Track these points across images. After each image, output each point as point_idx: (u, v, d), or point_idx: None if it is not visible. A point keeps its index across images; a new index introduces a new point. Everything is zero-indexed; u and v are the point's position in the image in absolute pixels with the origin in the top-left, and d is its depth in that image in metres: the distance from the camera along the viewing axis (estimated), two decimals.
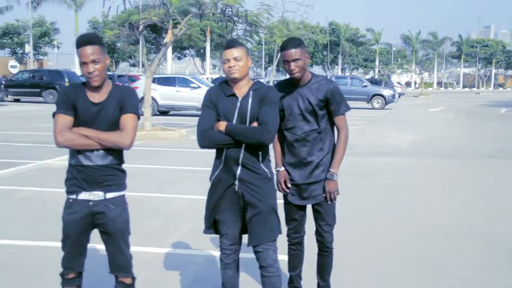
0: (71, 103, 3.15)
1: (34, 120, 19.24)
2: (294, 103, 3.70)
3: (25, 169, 9.27)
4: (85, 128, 3.14)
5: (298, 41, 3.68)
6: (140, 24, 13.57)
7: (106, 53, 3.24)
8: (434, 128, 19.08)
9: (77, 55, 3.15)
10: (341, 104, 3.71)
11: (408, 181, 9.02)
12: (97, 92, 3.20)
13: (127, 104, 3.21)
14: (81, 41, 3.14)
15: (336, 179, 3.68)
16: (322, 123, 3.71)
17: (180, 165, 10.12)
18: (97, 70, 3.12)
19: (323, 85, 3.69)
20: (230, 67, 3.34)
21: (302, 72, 3.66)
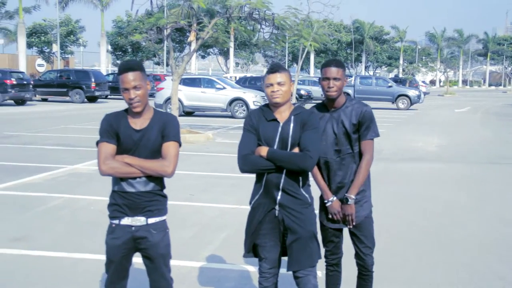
0: (113, 131, 3.20)
1: (62, 121, 19.50)
2: (328, 126, 3.69)
3: (56, 175, 9.40)
4: (128, 156, 3.18)
5: (341, 63, 3.72)
6: (168, 27, 13.63)
7: (148, 78, 3.27)
8: (462, 131, 18.84)
9: (119, 81, 3.19)
10: (370, 129, 3.69)
11: (437, 189, 8.92)
12: (138, 118, 3.23)
13: (169, 132, 3.24)
14: (123, 67, 3.18)
15: (352, 203, 3.66)
16: (355, 147, 3.70)
17: (209, 171, 10.16)
18: (139, 96, 3.16)
19: (357, 109, 3.68)
20: (273, 91, 3.34)
21: (339, 93, 3.66)
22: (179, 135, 3.32)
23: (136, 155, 3.19)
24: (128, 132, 3.20)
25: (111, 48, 54.65)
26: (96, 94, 30.51)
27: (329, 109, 3.72)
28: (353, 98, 3.79)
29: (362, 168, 3.66)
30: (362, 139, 3.68)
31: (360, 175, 3.66)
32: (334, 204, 3.68)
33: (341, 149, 3.68)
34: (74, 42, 47.08)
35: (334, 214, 3.68)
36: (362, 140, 3.68)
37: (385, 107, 31.59)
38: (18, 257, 5.25)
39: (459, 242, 6.04)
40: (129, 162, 3.16)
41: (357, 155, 3.71)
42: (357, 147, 3.70)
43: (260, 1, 13.44)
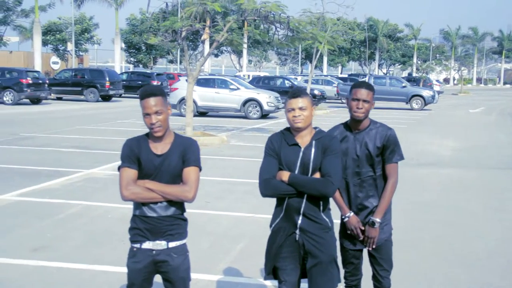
0: (135, 156, 3.24)
1: (77, 121, 19.64)
2: (351, 148, 3.71)
3: (73, 180, 9.49)
4: (149, 181, 3.22)
5: (372, 86, 3.78)
6: (183, 30, 13.67)
7: (168, 104, 3.31)
8: (477, 134, 18.72)
9: (141, 106, 3.24)
10: (395, 152, 3.70)
11: (454, 198, 8.89)
12: (159, 142, 3.28)
13: (189, 157, 3.28)
14: (144, 93, 3.23)
15: (377, 226, 3.67)
16: (378, 170, 3.71)
17: (224, 176, 10.19)
18: (160, 121, 3.21)
19: (382, 132, 3.70)
20: (295, 116, 3.36)
21: (366, 115, 3.68)
22: (199, 159, 3.36)
23: (157, 180, 3.24)
24: (149, 157, 3.25)
25: (125, 46, 54.86)
26: (110, 93, 30.68)
27: (353, 130, 3.74)
28: (377, 121, 3.80)
29: (388, 191, 3.68)
30: (387, 162, 3.70)
31: (386, 199, 3.68)
32: (351, 220, 3.69)
33: (361, 171, 3.70)
34: (88, 40, 47.36)
35: (352, 229, 3.69)
36: (387, 164, 3.70)
37: (399, 107, 31.45)
38: (39, 269, 5.32)
39: (479, 255, 6.02)
40: (151, 188, 3.21)
41: (378, 178, 3.72)
42: (379, 170, 3.71)
43: (275, 4, 13.44)
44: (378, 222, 3.65)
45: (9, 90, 25.98)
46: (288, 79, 31.00)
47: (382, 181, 3.74)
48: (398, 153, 3.72)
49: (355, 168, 3.71)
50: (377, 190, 3.72)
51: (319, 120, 22.06)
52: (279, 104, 22.83)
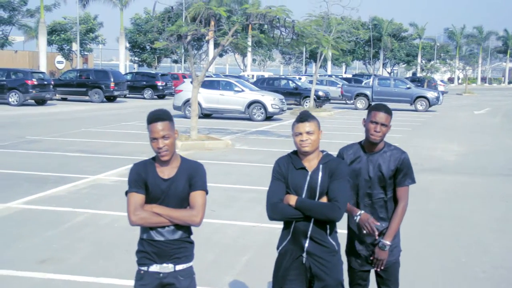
0: (142, 181, 3.28)
1: (82, 123, 19.71)
2: (364, 168, 3.73)
3: (79, 186, 9.53)
4: (157, 206, 3.26)
5: (390, 110, 3.76)
6: (189, 35, 13.70)
7: (175, 128, 3.35)
8: (481, 137, 18.69)
9: (148, 131, 3.27)
10: (408, 176, 3.72)
11: (458, 207, 8.90)
12: (166, 166, 3.31)
13: (196, 181, 3.31)
14: (152, 117, 3.26)
15: (387, 249, 3.70)
16: (389, 192, 3.74)
17: (229, 183, 10.21)
18: (167, 146, 3.25)
19: (396, 155, 3.71)
20: (302, 140, 3.38)
21: (382, 138, 3.70)
22: (206, 183, 3.39)
23: (165, 204, 3.27)
24: (156, 181, 3.28)
25: (129, 45, 54.95)
26: (115, 94, 30.76)
27: (367, 151, 3.76)
28: (391, 144, 3.82)
29: (398, 214, 3.71)
30: (399, 185, 3.72)
31: (396, 222, 3.71)
32: (363, 217, 3.65)
33: (372, 193, 3.72)
34: (93, 40, 47.45)
35: (365, 226, 3.62)
36: (398, 187, 3.72)
37: (403, 108, 31.42)
38: (47, 282, 5.36)
39: (479, 270, 6.03)
40: (158, 212, 3.24)
41: (389, 201, 3.75)
42: (390, 192, 3.74)
43: (280, 9, 13.46)
44: (388, 245, 3.69)
45: (15, 91, 26.08)
46: (292, 80, 30.99)
47: (392, 204, 3.76)
48: (410, 177, 3.75)
49: (367, 189, 3.73)
50: (388, 212, 3.75)
51: (324, 123, 22.06)
52: (284, 106, 22.86)
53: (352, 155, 3.78)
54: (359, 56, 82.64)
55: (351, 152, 3.81)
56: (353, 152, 3.80)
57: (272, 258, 3.69)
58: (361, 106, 30.93)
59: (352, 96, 31.22)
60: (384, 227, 3.74)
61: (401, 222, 3.77)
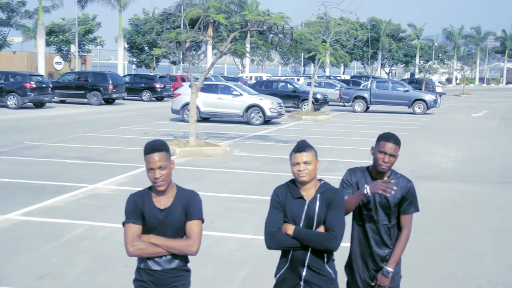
0: (138, 211, 3.33)
1: (81, 127, 19.72)
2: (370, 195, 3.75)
3: (77, 196, 9.55)
4: (154, 236, 3.30)
5: (399, 140, 3.80)
6: (188, 41, 13.73)
7: (171, 158, 3.39)
8: (479, 142, 18.74)
9: (145, 161, 3.32)
10: (412, 204, 3.78)
11: (456, 217, 8.94)
12: (162, 196, 3.36)
13: (192, 210, 3.36)
14: (149, 148, 3.31)
15: (390, 276, 3.74)
16: (392, 219, 3.78)
17: (227, 192, 10.23)
18: (163, 176, 3.30)
19: (402, 183, 3.75)
20: (300, 170, 3.42)
21: (390, 167, 3.73)
22: (201, 212, 3.44)
23: (161, 234, 3.32)
24: (153, 211, 3.33)
25: (128, 46, 54.91)
26: (113, 96, 30.77)
27: (374, 178, 3.78)
28: (397, 172, 3.85)
29: (402, 241, 3.76)
30: (403, 213, 3.76)
31: (399, 249, 3.77)
32: (371, 186, 3.57)
33: (377, 219, 3.76)
34: (92, 41, 47.43)
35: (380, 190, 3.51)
36: (402, 215, 3.77)
37: (401, 111, 31.47)
38: None
39: (476, 284, 6.07)
40: (155, 243, 3.29)
41: (392, 228, 3.79)
42: (394, 219, 3.78)
43: (279, 16, 13.49)
44: (391, 272, 3.73)
45: (13, 94, 26.09)
46: (290, 83, 31.02)
47: (396, 230, 3.81)
48: (415, 205, 3.80)
49: (372, 214, 3.78)
50: (391, 239, 3.79)
51: (322, 127, 22.13)
52: (282, 110, 22.90)
53: (359, 179, 3.80)
54: (357, 56, 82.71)
55: (359, 176, 3.83)
56: (360, 177, 3.82)
57: (270, 272, 3.74)
58: (359, 109, 30.98)
59: (350, 99, 31.26)
60: (387, 253, 3.78)
61: (404, 250, 3.81)
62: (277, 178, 11.67)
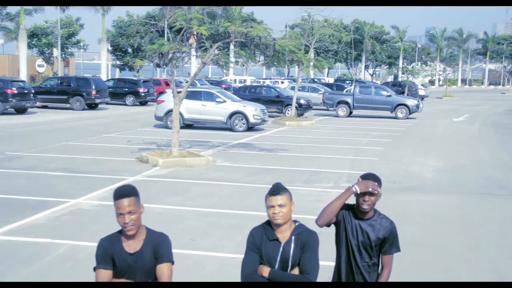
0: (109, 256, 3.40)
1: (64, 135, 19.62)
2: (353, 233, 3.87)
3: (59, 212, 9.54)
4: (125, 281, 3.38)
5: (379, 179, 3.89)
6: (170, 53, 13.76)
7: (140, 202, 3.47)
8: (459, 150, 18.99)
9: (114, 206, 3.39)
10: (394, 245, 3.90)
11: (434, 232, 9.08)
12: (132, 240, 3.44)
13: (162, 253, 3.43)
14: (118, 194, 3.39)
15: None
16: (373, 258, 3.89)
17: (210, 206, 10.26)
18: (133, 220, 3.39)
19: (385, 224, 3.88)
20: (275, 213, 3.51)
21: (372, 207, 3.84)
22: (171, 254, 3.51)
23: (132, 278, 3.40)
24: (123, 255, 3.40)
25: (111, 48, 54.68)
26: (96, 101, 30.65)
27: (357, 217, 3.89)
28: (381, 212, 3.96)
29: (382, 280, 3.88)
30: (385, 254, 3.89)
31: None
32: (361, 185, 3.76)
33: (359, 257, 3.86)
34: (75, 45, 47.14)
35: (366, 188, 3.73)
36: (384, 255, 3.89)
37: (384, 115, 31.74)
38: None
39: None
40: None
41: (372, 267, 3.89)
42: (375, 259, 3.89)
43: (261, 28, 13.59)
44: None
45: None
46: (274, 88, 31.14)
47: (376, 269, 3.92)
48: (396, 246, 3.93)
49: (355, 253, 3.88)
50: (371, 277, 3.90)
51: (305, 133, 22.24)
52: (265, 116, 23.01)
53: (343, 217, 3.90)
54: (341, 58, 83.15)
55: (342, 213, 3.91)
56: (344, 214, 3.91)
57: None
58: (342, 114, 31.19)
59: (333, 104, 31.47)
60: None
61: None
62: (260, 190, 11.79)
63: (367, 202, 3.79)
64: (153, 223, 9.14)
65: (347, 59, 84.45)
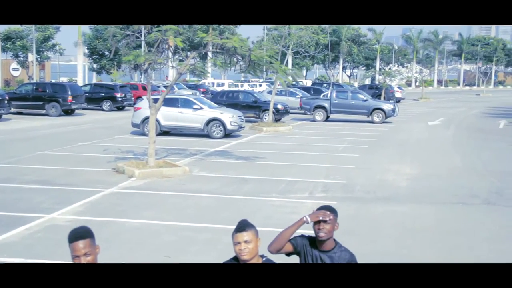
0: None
1: (39, 144, 19.46)
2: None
3: (32, 229, 9.49)
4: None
5: (333, 209, 4.02)
6: (146, 63, 13.77)
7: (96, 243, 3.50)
8: (434, 156, 19.28)
9: (70, 249, 3.45)
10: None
11: (406, 246, 9.24)
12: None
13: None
14: (73, 237, 3.45)
15: None
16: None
17: (185, 220, 10.29)
18: (88, 262, 3.43)
19: (344, 256, 3.97)
20: (241, 249, 3.60)
21: (328, 235, 3.94)
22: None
23: None
24: None
25: (88, 52, 54.26)
26: (72, 107, 30.40)
27: (318, 248, 3.99)
28: (342, 245, 4.05)
29: None
30: None
31: None
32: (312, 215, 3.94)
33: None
34: (51, 49, 46.67)
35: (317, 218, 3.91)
36: None
37: (361, 120, 32.03)
38: None
39: None
40: None
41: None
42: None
43: (237, 39, 13.67)
44: None
45: None
46: (251, 93, 31.26)
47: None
48: None
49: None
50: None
51: (282, 140, 22.35)
52: (242, 123, 23.09)
53: (304, 248, 4.01)
54: (319, 60, 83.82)
55: (304, 244, 4.02)
56: (306, 244, 4.02)
57: None
58: (319, 118, 31.42)
59: (310, 108, 31.69)
60: None
61: None
62: (236, 202, 11.89)
63: (323, 230, 3.91)
64: (129, 239, 9.25)
65: (324, 61, 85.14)
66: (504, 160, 18.74)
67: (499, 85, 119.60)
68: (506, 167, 17.31)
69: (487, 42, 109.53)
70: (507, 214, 11.60)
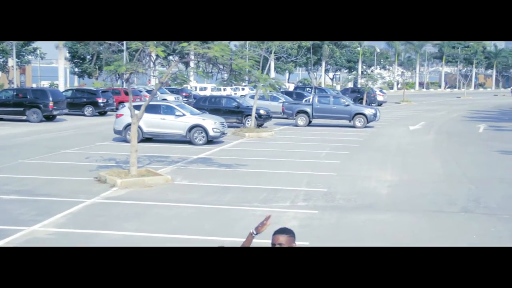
0: None
1: (19, 151, 19.33)
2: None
3: (12, 243, 9.46)
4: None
5: (290, 231, 4.24)
6: (127, 73, 13.78)
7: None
8: (414, 162, 19.49)
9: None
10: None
11: None
12: None
13: None
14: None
15: None
16: None
17: (167, 232, 10.31)
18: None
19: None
20: None
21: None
22: None
23: None
24: None
25: (70, 55, 53.90)
26: (54, 113, 30.19)
27: None
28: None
29: None
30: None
31: None
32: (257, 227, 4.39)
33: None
34: (31, 53, 46.28)
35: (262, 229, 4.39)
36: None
37: (343, 124, 32.24)
38: None
39: None
40: None
41: None
42: None
43: (218, 48, 13.71)
44: None
45: None
46: (234, 99, 31.34)
47: None
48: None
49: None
50: None
51: (265, 145, 22.43)
52: (225, 129, 23.15)
53: None
54: (301, 63, 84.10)
55: None
56: None
57: None
58: (301, 123, 31.59)
59: (293, 113, 31.84)
60: None
61: None
62: (218, 212, 11.96)
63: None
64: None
65: (307, 64, 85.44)
66: (482, 166, 19.01)
67: (480, 87, 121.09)
68: (484, 173, 17.57)
69: (468, 45, 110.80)
70: (483, 222, 11.80)
